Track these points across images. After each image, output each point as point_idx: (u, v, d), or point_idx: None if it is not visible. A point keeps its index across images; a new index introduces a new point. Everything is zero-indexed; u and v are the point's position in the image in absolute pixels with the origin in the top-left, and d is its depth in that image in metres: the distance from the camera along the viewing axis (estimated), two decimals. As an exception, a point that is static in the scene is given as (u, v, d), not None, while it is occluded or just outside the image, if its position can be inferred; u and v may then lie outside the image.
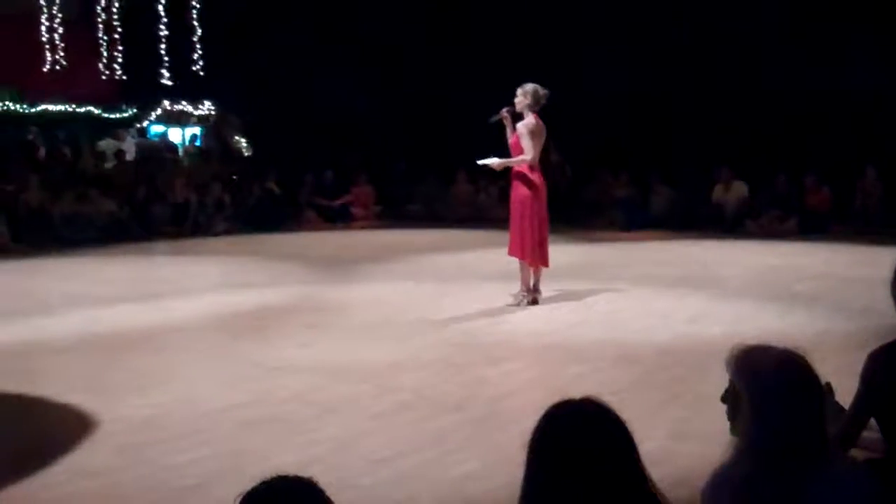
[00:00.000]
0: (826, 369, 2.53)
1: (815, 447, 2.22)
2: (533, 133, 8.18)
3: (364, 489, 4.16)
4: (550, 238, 8.61)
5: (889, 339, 3.23)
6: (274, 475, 1.85)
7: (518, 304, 8.36)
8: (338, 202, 17.32)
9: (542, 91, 8.24)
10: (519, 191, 8.32)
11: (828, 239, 13.13)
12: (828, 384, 3.24)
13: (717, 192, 15.10)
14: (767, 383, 2.22)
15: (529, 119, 8.24)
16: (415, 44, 17.62)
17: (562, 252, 8.98)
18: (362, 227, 16.27)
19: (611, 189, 16.03)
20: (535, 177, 8.27)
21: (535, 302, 8.41)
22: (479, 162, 8.32)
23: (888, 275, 3.24)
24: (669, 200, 15.50)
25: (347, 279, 10.30)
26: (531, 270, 8.43)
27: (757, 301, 8.50)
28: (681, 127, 15.83)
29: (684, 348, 6.72)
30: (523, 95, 8.25)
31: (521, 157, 8.20)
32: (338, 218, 17.00)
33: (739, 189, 14.94)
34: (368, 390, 5.80)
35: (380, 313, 8.22)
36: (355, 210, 17.29)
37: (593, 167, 16.25)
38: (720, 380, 2.29)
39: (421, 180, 17.77)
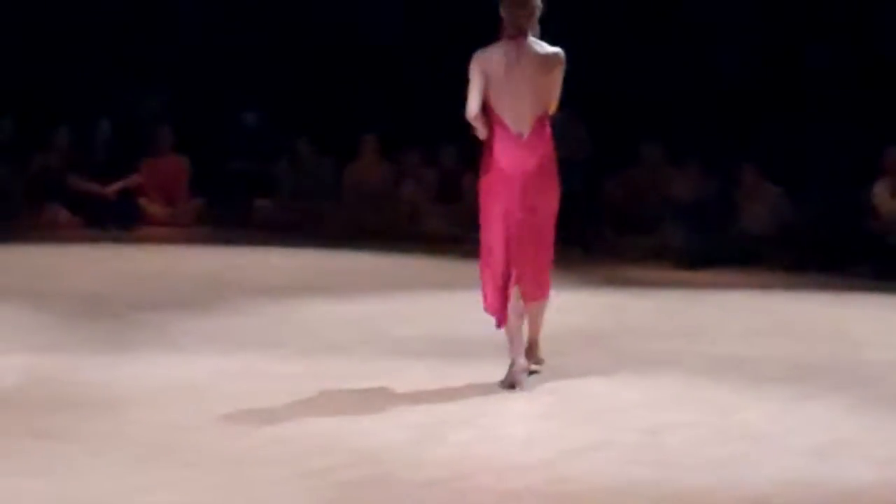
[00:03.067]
0: None
1: None
2: (486, 66, 8.82)
3: None
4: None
5: None
6: None
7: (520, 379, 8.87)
8: (116, 187, 17.40)
9: None
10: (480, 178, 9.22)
11: None
12: None
13: (879, 195, 15.32)
14: None
15: (490, 48, 8.94)
16: None
17: (568, 307, 9.04)
18: (163, 240, 16.34)
19: (666, 184, 16.26)
20: (502, 149, 8.83)
21: (511, 385, 8.90)
22: None
23: None
24: (776, 210, 15.70)
25: (127, 345, 10.39)
26: (508, 317, 8.96)
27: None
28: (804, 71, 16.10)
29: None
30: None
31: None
32: (115, 219, 17.08)
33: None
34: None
35: (188, 413, 8.27)
36: (149, 204, 17.43)
37: (634, 140, 16.57)
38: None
39: (287, 150, 17.82)
